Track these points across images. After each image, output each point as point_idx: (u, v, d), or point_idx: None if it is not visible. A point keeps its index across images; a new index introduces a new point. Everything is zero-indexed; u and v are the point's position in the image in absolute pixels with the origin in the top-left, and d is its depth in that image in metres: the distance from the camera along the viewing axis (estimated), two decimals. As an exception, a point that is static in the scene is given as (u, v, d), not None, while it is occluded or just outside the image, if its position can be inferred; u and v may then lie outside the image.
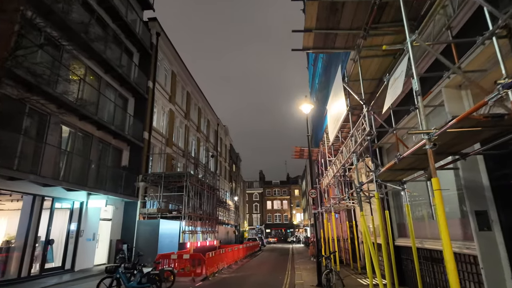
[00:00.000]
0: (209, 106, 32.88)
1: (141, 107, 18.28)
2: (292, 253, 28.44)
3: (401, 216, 9.09)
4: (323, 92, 12.67)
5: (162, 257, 11.94)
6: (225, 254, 15.35)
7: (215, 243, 21.24)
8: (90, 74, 14.66)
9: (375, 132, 5.71)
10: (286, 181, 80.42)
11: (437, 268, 6.58)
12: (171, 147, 21.60)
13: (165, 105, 21.41)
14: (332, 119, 10.48)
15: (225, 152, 42.02)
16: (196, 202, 18.53)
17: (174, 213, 16.77)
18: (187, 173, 16.87)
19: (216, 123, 36.69)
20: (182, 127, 24.67)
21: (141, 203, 16.80)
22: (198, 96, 29.33)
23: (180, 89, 24.82)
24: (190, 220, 17.35)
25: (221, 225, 32.15)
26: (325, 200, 13.76)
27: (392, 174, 6.04)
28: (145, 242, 15.92)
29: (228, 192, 41.11)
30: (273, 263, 18.91)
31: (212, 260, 12.50)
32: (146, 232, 16.06)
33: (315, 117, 14.27)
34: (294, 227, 71.77)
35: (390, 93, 5.07)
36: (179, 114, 23.71)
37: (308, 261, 18.94)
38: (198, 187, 18.96)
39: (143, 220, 16.41)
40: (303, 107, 10.89)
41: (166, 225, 16.54)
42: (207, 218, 20.83)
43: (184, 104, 25.42)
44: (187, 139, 25.08)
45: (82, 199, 13.35)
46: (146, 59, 19.22)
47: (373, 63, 7.29)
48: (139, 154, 17.47)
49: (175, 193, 17.75)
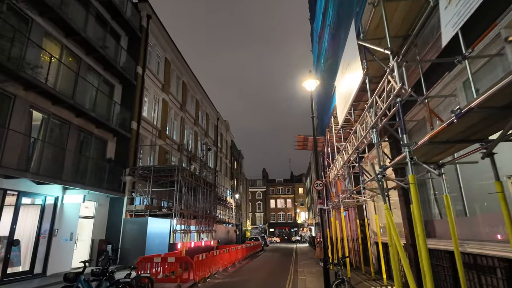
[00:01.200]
0: (207, 99, 31.27)
1: (129, 95, 16.71)
2: (296, 254, 26.72)
3: (428, 213, 7.37)
4: (329, 72, 11.00)
5: (145, 260, 10.35)
6: (220, 256, 13.73)
7: (212, 244, 19.64)
8: (68, 54, 13.11)
9: (408, 88, 4.01)
10: (290, 179, 78.62)
11: (490, 280, 4.87)
12: (164, 140, 20.03)
13: (158, 94, 19.83)
14: (341, 96, 8.78)
15: (226, 148, 40.41)
16: (190, 199, 16.93)
17: (164, 211, 15.17)
18: (178, 166, 15.27)
19: (216, 117, 35.07)
20: (178, 119, 23.08)
21: (128, 200, 15.24)
22: (196, 88, 27.73)
23: (175, 78, 23.23)
24: (183, 218, 15.75)
25: (221, 224, 30.57)
26: (332, 195, 12.09)
27: (430, 151, 4.34)
28: (132, 242, 14.37)
29: (229, 189, 39.51)
30: (275, 265, 17.25)
31: (202, 263, 10.88)
32: (133, 231, 14.50)
33: (321, 101, 12.56)
34: (298, 226, 70.01)
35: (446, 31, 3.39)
36: (173, 105, 22.13)
37: (313, 263, 17.23)
38: (193, 182, 17.36)
39: (129, 218, 14.85)
40: (307, 84, 9.21)
41: (155, 224, 14.97)
42: (203, 216, 19.23)
43: (180, 95, 23.83)
44: (182, 132, 23.50)
45: (57, 194, 11.81)
46: (136, 43, 17.65)
47: (397, 11, 5.57)
48: (127, 145, 15.90)
49: (166, 189, 16.17)
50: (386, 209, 4.83)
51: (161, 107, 20.05)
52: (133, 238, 14.44)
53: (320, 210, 8.60)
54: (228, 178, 39.93)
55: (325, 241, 7.88)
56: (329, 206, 12.82)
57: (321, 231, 8.87)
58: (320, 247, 15.29)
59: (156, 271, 10.42)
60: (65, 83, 12.59)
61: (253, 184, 74.94)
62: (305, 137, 13.63)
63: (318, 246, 16.28)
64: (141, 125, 17.18)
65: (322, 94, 12.81)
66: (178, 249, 13.96)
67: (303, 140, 13.87)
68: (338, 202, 11.61)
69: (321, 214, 8.24)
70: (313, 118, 8.97)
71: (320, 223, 8.83)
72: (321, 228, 8.74)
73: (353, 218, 13.97)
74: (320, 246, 14.77)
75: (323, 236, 8.52)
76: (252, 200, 72.80)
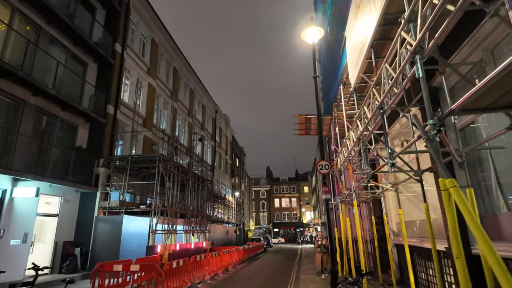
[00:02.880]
0: (204, 89, 29.09)
1: (106, 76, 14.60)
2: (300, 256, 24.34)
3: (489, 203, 5.01)
4: (337, 30, 8.74)
5: (102, 267, 8.15)
6: (206, 260, 11.51)
7: (204, 245, 17.40)
8: (22, 20, 11.03)
9: None
10: (295, 178, 76.11)
11: None
12: (150, 129, 17.90)
13: (143, 78, 17.72)
14: (354, 49, 6.48)
15: (226, 144, 38.21)
16: (176, 195, 14.74)
17: (143, 207, 12.99)
18: (160, 156, 13.08)
19: (214, 110, 32.89)
20: (168, 108, 20.94)
21: (101, 195, 13.11)
22: (190, 76, 25.58)
23: (164, 63, 21.10)
24: (166, 217, 13.56)
25: (219, 224, 28.39)
26: (342, 186, 9.75)
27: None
28: (104, 244, 12.24)
29: (230, 187, 37.31)
30: (274, 271, 14.95)
31: (177, 271, 8.66)
32: (106, 231, 12.37)
33: (327, 75, 10.30)
34: (304, 226, 67.46)
35: None
36: (162, 92, 19.99)
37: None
38: (179, 175, 15.16)
39: (102, 216, 12.72)
40: (307, 34, 6.91)
41: (133, 223, 12.82)
42: (194, 214, 17.03)
43: (171, 82, 21.70)
44: (173, 122, 21.36)
45: (4, 187, 9.71)
46: (114, 19, 15.53)
47: None
48: (102, 132, 13.79)
49: (144, 182, 14.03)
50: (451, 188, 2.51)
51: (147, 93, 17.92)
52: (106, 239, 12.31)
53: (326, 203, 6.30)
54: (228, 175, 37.74)
55: (333, 245, 5.58)
56: (337, 200, 10.45)
57: (328, 229, 6.56)
58: (322, 253, 10.86)
59: (122, 281, 8.26)
60: (19, 54, 10.49)
61: (256, 183, 72.63)
62: (307, 117, 11.22)
63: (319, 252, 11.16)
64: (120, 111, 15.07)
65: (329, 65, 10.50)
66: (158, 253, 11.77)
67: (305, 121, 11.49)
68: (349, 195, 9.28)
69: (327, 207, 5.94)
70: (316, 77, 6.70)
71: (327, 219, 6.53)
72: (328, 227, 6.45)
73: (365, 215, 11.61)
74: (323, 252, 10.81)
75: (330, 238, 6.23)
76: (256, 199, 70.48)
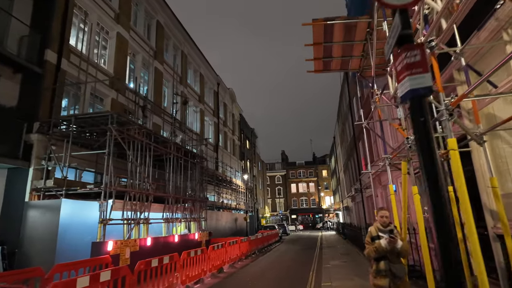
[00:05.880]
0: (201, 56, 24.83)
1: (47, 13, 10.68)
2: (321, 246, 20.22)
3: None
4: None
5: None
6: (181, 262, 7.58)
7: (196, 237, 13.58)
8: None
9: None
10: (312, 161, 71.47)
11: None
12: (124, 95, 14.00)
13: (108, 25, 13.71)
14: None
15: (233, 123, 34.10)
16: (147, 171, 10.83)
17: (91, 187, 9.12)
18: (112, 114, 9.09)
19: (215, 81, 28.67)
20: (150, 69, 16.93)
21: (37, 172, 9.37)
22: (181, 37, 21.37)
23: (143, 14, 16.97)
24: (130, 201, 9.68)
25: (226, 211, 24.64)
26: (399, 128, 5.28)
27: None
28: (37, 240, 8.57)
29: (239, 172, 33.43)
30: (284, 271, 10.92)
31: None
32: (40, 222, 8.67)
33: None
34: (323, 212, 63.22)
35: None
36: (140, 48, 15.94)
37: (346, 266, 10.69)
38: (152, 146, 11.21)
39: (35, 202, 9.00)
40: None
41: (81, 210, 9.05)
42: (178, 199, 13.15)
43: (153, 39, 17.60)
44: (159, 88, 17.38)
45: None
46: None
47: None
48: (38, 88, 9.96)
49: (90, 152, 10.15)
50: None
51: (115, 45, 13.93)
52: (39, 234, 8.62)
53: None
54: (236, 157, 33.81)
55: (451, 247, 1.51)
56: (385, 162, 6.02)
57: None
58: (388, 269, 4.01)
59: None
60: None
61: (271, 168, 68.60)
62: (326, 23, 6.47)
63: (374, 262, 4.16)
64: (70, 61, 11.15)
65: None
66: (108, 252, 7.95)
67: (323, 37, 6.83)
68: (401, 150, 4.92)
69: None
70: None
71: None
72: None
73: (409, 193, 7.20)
74: (380, 252, 4.04)
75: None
76: (271, 185, 66.60)
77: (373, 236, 4.21)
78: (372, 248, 4.09)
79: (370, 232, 4.28)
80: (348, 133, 25.90)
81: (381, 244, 4.00)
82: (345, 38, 6.83)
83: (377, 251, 4.04)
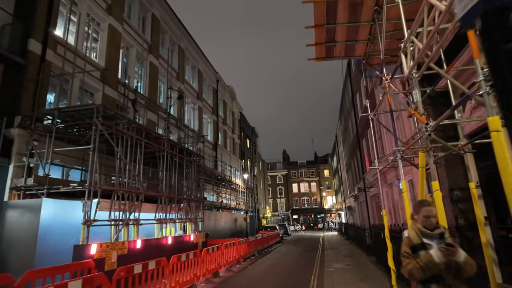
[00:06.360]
0: (200, 52, 24.16)
1: (32, 0, 10.05)
2: (323, 248, 19.51)
3: None
4: None
5: None
6: (167, 268, 6.90)
7: (192, 239, 12.91)
8: None
9: None
10: (314, 161, 70.66)
11: None
12: (116, 89, 13.36)
13: (100, 17, 13.06)
14: None
15: (232, 121, 33.42)
16: (137, 169, 10.17)
17: (75, 186, 8.46)
18: (97, 107, 8.45)
19: (215, 79, 27.99)
20: (144, 64, 16.29)
21: (17, 169, 8.73)
22: (178, 31, 20.71)
23: (137, 6, 16.32)
24: (118, 200, 9.02)
25: (225, 211, 23.97)
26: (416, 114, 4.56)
27: None
28: (16, 243, 7.94)
29: (239, 171, 32.74)
30: (284, 276, 10.22)
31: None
32: (19, 224, 8.03)
33: None
34: (325, 212, 62.43)
35: None
36: (134, 42, 15.29)
37: (350, 269, 9.96)
38: (143, 142, 10.55)
39: (14, 202, 8.36)
40: None
41: (61, 211, 8.39)
42: (172, 198, 12.48)
43: (148, 33, 16.95)
44: (153, 84, 16.72)
45: None
46: None
47: None
48: (20, 79, 9.32)
49: (75, 147, 9.48)
50: None
51: (107, 37, 13.29)
52: (18, 236, 7.98)
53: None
54: (236, 156, 33.14)
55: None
56: (397, 155, 5.25)
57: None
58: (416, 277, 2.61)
59: None
60: None
61: (272, 168, 67.88)
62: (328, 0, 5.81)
63: (420, 286, 2.61)
64: (57, 52, 10.51)
65: None
66: (92, 256, 7.30)
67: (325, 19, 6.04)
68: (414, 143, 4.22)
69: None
70: None
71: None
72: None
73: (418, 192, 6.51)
74: (431, 269, 2.51)
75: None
76: (272, 185, 65.87)
77: (414, 244, 2.66)
78: (417, 265, 2.52)
79: (409, 239, 2.72)
80: (351, 130, 25.15)
81: (433, 257, 2.47)
82: (350, 19, 6.15)
83: (427, 268, 2.48)
